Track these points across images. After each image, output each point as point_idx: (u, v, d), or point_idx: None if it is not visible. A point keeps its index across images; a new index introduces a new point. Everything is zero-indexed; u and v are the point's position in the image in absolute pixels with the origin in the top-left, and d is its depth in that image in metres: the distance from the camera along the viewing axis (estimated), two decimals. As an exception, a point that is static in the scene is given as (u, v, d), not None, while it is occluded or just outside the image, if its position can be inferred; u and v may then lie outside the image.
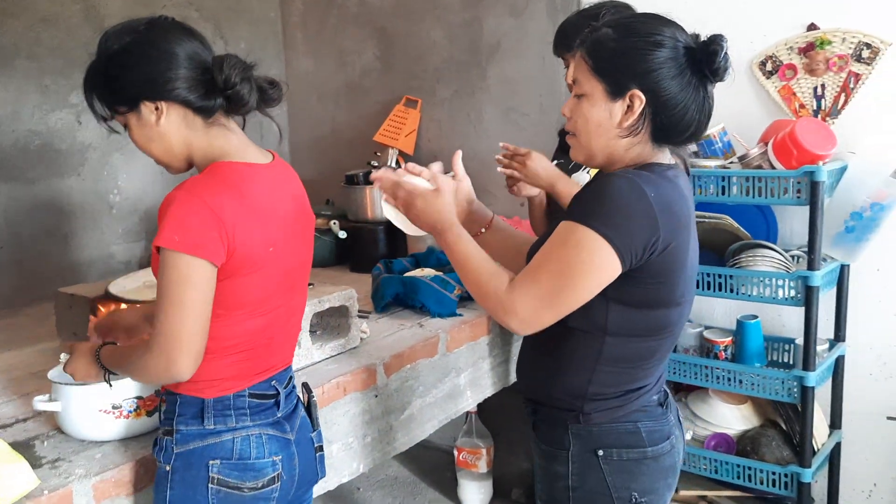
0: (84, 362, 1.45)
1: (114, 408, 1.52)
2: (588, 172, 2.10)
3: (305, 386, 1.61)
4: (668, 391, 1.50)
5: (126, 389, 1.51)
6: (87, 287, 2.24)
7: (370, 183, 3.22)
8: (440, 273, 2.52)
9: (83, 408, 1.51)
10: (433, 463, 3.10)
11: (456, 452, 2.86)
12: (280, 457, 1.40)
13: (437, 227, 1.45)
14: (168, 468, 1.35)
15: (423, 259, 2.73)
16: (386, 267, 2.63)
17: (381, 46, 3.30)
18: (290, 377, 1.53)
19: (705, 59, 1.28)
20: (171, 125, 1.34)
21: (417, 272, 2.57)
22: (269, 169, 1.39)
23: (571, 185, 1.94)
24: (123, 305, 2.00)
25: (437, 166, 1.55)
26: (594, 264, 1.24)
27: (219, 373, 1.35)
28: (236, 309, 1.33)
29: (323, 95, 3.53)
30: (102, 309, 2.07)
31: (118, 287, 2.16)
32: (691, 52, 1.28)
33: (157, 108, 1.32)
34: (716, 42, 1.27)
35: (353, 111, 3.42)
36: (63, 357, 1.58)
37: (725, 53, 1.28)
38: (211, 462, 1.34)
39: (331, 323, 2.15)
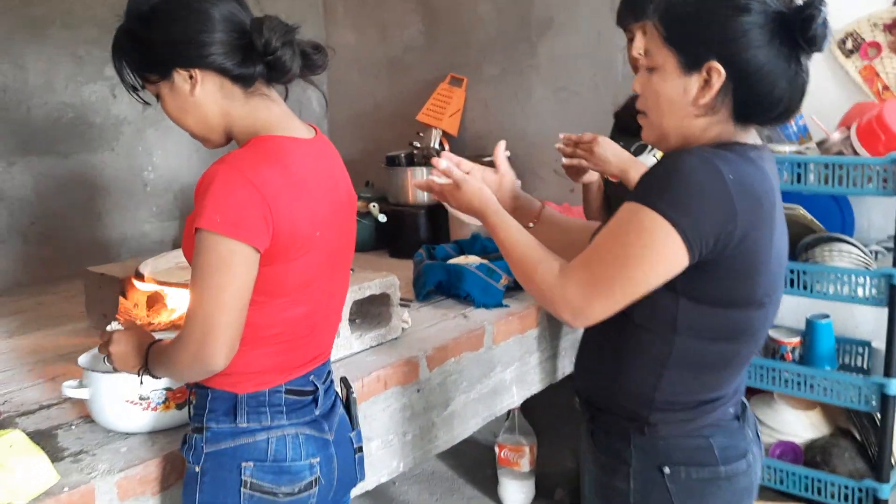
0: (129, 350, 1.32)
1: (141, 399, 1.43)
2: (655, 155, 1.93)
3: (344, 381, 1.49)
4: (747, 403, 1.34)
5: (155, 380, 1.41)
6: (118, 267, 2.15)
7: (412, 164, 3.14)
8: (485, 261, 2.39)
9: (110, 397, 1.44)
10: (473, 459, 2.97)
11: (497, 449, 2.73)
12: (318, 459, 1.29)
13: (478, 212, 1.36)
14: (197, 469, 1.25)
15: (467, 246, 2.59)
16: (428, 253, 2.50)
17: (425, 20, 3.15)
18: (329, 371, 1.41)
19: (799, 26, 1.11)
20: (208, 95, 1.22)
21: (461, 259, 2.43)
22: (313, 144, 1.28)
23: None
24: (156, 287, 1.89)
25: (501, 147, 1.45)
26: (656, 251, 1.10)
27: (254, 365, 1.24)
28: (277, 296, 1.22)
29: (364, 71, 3.39)
30: (132, 289, 1.98)
31: (149, 268, 2.05)
32: (783, 17, 1.12)
33: (191, 77, 1.20)
34: (812, 6, 1.11)
35: (395, 88, 3.28)
36: (113, 326, 1.47)
37: (824, 19, 1.11)
38: (244, 464, 1.23)
39: (371, 311, 2.02)
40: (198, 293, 1.14)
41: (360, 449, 1.44)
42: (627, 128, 2.04)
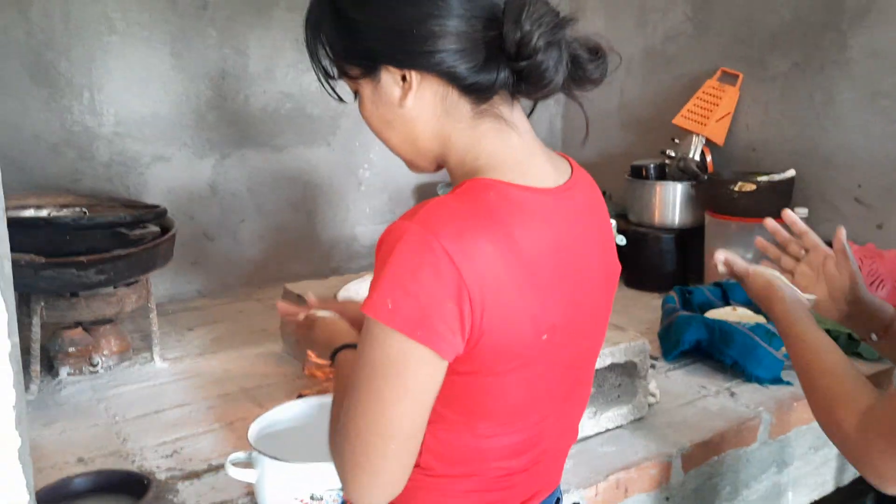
0: (326, 338, 0.98)
1: (312, 499, 1.10)
2: None
3: (578, 512, 1.06)
4: None
5: (331, 477, 1.08)
6: (319, 287, 1.87)
7: (663, 177, 2.59)
8: (762, 319, 1.83)
9: (276, 489, 1.13)
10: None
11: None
12: None
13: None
14: None
15: (731, 291, 2.04)
16: (682, 298, 1.98)
17: (695, 3, 2.57)
18: (558, 500, 0.99)
19: None
20: (423, 108, 0.83)
21: (727, 313, 1.89)
22: (561, 197, 0.83)
23: None
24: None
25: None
26: None
27: None
28: (479, 419, 0.82)
29: (613, 63, 2.88)
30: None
31: (349, 294, 1.76)
32: None
33: (404, 79, 0.81)
34: None
35: (649, 84, 2.74)
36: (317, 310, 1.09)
37: None
38: None
39: (608, 379, 1.57)
40: (354, 398, 0.76)
41: None
42: None
